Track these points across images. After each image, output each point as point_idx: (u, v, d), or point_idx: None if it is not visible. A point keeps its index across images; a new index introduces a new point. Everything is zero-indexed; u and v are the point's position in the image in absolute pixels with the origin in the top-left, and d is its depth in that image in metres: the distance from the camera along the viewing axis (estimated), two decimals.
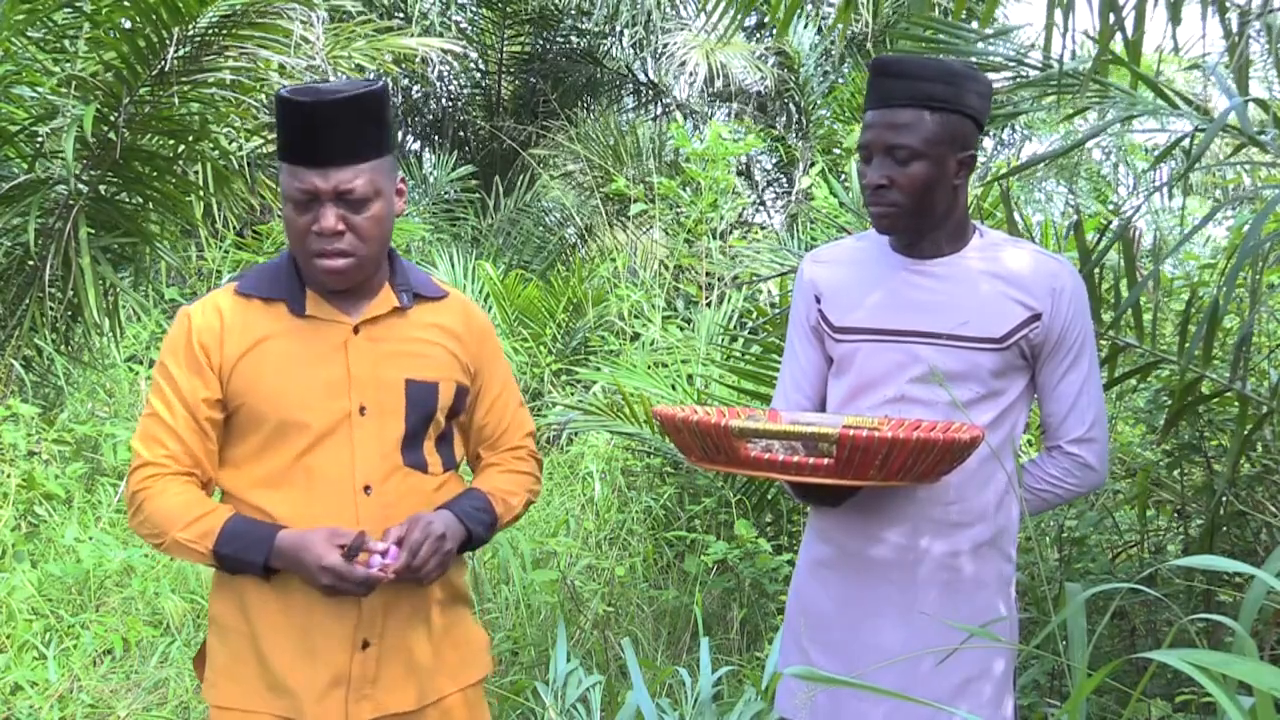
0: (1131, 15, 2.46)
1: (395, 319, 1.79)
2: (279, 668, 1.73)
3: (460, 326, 1.85)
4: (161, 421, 1.74)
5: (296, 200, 1.68)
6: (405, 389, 1.76)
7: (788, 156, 9.85)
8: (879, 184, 1.81)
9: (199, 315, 1.76)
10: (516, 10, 10.08)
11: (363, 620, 1.74)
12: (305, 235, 1.69)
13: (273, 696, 1.74)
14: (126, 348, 6.16)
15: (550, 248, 9.13)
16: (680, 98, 10.57)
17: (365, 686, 1.75)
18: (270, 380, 1.73)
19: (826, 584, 1.94)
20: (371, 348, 1.76)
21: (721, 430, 1.65)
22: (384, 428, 1.75)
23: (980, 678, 1.87)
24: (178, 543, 1.70)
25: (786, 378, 2.06)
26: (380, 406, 1.75)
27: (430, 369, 1.79)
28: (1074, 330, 1.88)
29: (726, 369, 4.60)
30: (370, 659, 1.75)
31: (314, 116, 1.66)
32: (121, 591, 4.01)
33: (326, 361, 1.74)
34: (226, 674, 1.77)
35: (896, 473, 1.64)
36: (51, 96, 4.48)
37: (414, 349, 1.79)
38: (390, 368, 1.76)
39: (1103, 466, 1.94)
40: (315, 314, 1.76)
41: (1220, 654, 0.92)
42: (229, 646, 1.78)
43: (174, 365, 1.75)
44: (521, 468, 1.94)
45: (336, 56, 5.81)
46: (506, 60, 10.47)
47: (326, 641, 1.73)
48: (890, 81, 1.81)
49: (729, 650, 3.74)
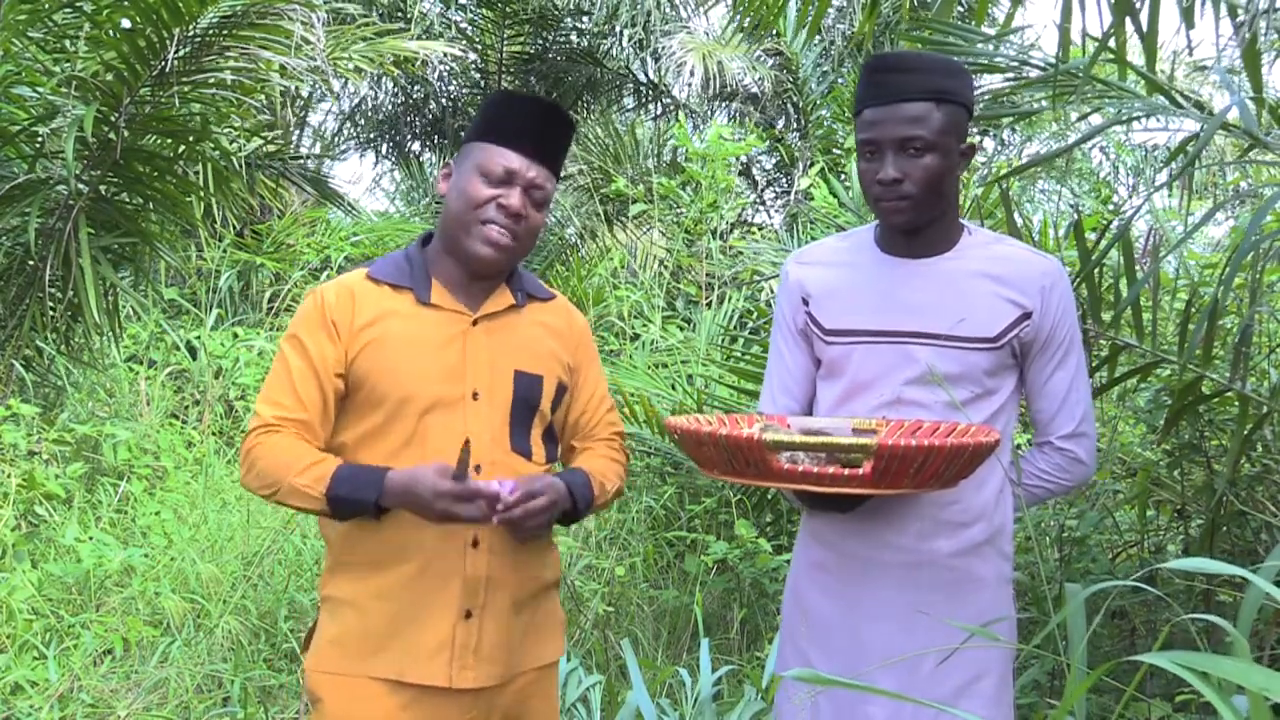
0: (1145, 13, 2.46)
1: (510, 315, 1.92)
2: (384, 633, 1.81)
3: (564, 326, 1.99)
4: (283, 382, 1.83)
5: (492, 175, 1.82)
6: (514, 378, 1.88)
7: (787, 156, 9.86)
8: (894, 178, 1.80)
9: (331, 293, 1.87)
10: (516, 10, 10.07)
11: (466, 590, 1.81)
12: (486, 204, 1.82)
13: (375, 660, 1.81)
14: (126, 348, 6.16)
15: (550, 248, 9.13)
16: (680, 98, 10.57)
17: (467, 656, 1.82)
18: (393, 359, 1.82)
19: (825, 586, 1.94)
20: (487, 339, 1.88)
21: (754, 444, 1.63)
22: (494, 413, 1.86)
23: (980, 678, 1.87)
24: (294, 488, 1.75)
25: (774, 381, 2.04)
26: (492, 393, 1.86)
27: (538, 363, 1.91)
28: (1062, 327, 1.89)
29: (727, 369, 4.60)
30: (473, 629, 1.82)
31: (542, 114, 1.87)
32: (121, 591, 4.00)
33: (446, 348, 1.85)
34: (331, 641, 1.84)
35: (929, 480, 1.64)
36: (52, 96, 4.48)
37: (524, 343, 1.91)
38: (502, 358, 1.88)
39: (1092, 461, 1.96)
40: (439, 303, 1.87)
41: (1211, 656, 0.92)
42: (338, 620, 1.85)
43: (305, 333, 1.84)
44: (616, 456, 2.03)
45: (337, 58, 5.82)
46: (506, 61, 10.47)
47: (431, 611, 1.80)
48: (898, 76, 1.81)
49: (729, 650, 3.74)
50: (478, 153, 1.85)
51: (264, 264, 7.31)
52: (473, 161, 1.85)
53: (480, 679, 1.82)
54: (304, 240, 7.65)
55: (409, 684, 1.80)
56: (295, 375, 1.82)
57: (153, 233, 4.91)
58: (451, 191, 1.87)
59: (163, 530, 4.41)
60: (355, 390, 1.84)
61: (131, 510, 4.72)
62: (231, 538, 4.42)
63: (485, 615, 1.83)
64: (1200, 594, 2.93)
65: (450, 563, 1.81)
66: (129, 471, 4.95)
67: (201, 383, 6.20)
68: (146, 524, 4.51)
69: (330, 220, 8.23)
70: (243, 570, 4.21)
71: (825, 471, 1.64)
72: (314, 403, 1.82)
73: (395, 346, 1.83)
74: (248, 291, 7.34)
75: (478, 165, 1.84)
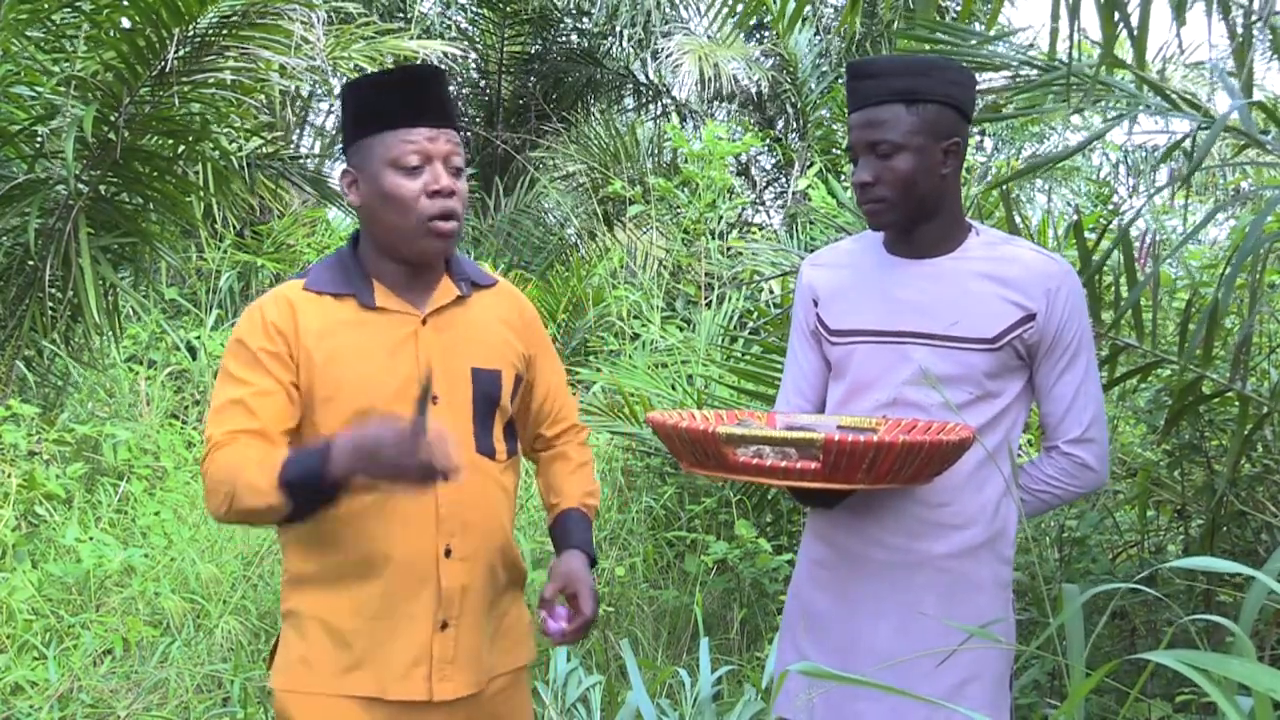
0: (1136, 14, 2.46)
1: (458, 309, 1.83)
2: (358, 650, 1.75)
3: (514, 314, 1.91)
4: (232, 402, 1.72)
5: (407, 165, 1.70)
6: (472, 376, 1.80)
7: (786, 157, 9.86)
8: (865, 181, 1.83)
9: (271, 308, 1.76)
10: (516, 10, 10.07)
11: (442, 601, 1.76)
12: (417, 200, 1.70)
13: (349, 679, 1.75)
14: (126, 348, 6.16)
15: (550, 248, 9.13)
16: (680, 98, 10.57)
17: (445, 666, 1.77)
18: (345, 372, 1.74)
19: (824, 585, 1.94)
20: (438, 338, 1.79)
21: (710, 437, 1.67)
22: (456, 415, 1.78)
23: (977, 680, 1.87)
24: (247, 485, 1.63)
25: (788, 382, 2.06)
26: (452, 394, 1.78)
27: (494, 357, 1.83)
28: (1070, 330, 1.87)
29: (727, 369, 4.60)
30: (449, 639, 1.77)
31: (413, 78, 1.73)
32: (121, 591, 4.00)
33: (398, 353, 1.76)
34: (300, 660, 1.78)
35: (885, 475, 1.65)
36: (51, 96, 4.48)
37: (477, 338, 1.83)
38: (457, 357, 1.79)
39: (1102, 467, 1.93)
40: (385, 306, 1.78)
41: (1217, 655, 0.92)
42: (306, 637, 1.78)
43: (249, 351, 1.73)
44: (584, 457, 2.01)
45: (337, 58, 5.81)
46: (506, 61, 10.46)
47: (405, 625, 1.75)
48: (864, 83, 1.84)
49: (729, 650, 3.74)
50: (378, 148, 1.71)
51: (264, 264, 7.31)
52: (378, 159, 1.71)
53: (459, 689, 1.78)
54: (304, 240, 7.65)
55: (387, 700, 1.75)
56: (245, 394, 1.71)
57: (153, 233, 4.91)
58: (370, 200, 1.74)
59: (163, 530, 4.41)
60: (310, 408, 1.75)
61: (131, 510, 4.72)
62: (231, 538, 4.41)
63: (461, 624, 1.78)
64: (1200, 594, 2.93)
65: (422, 574, 1.75)
66: (129, 471, 4.94)
67: (201, 383, 6.20)
68: (146, 524, 4.50)
69: (330, 220, 8.23)
70: (243, 570, 4.21)
71: (778, 465, 1.66)
72: (269, 415, 1.71)
73: (346, 358, 1.74)
74: (248, 292, 7.34)
75: (387, 160, 1.70)
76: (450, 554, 1.76)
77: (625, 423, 4.15)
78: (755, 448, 1.70)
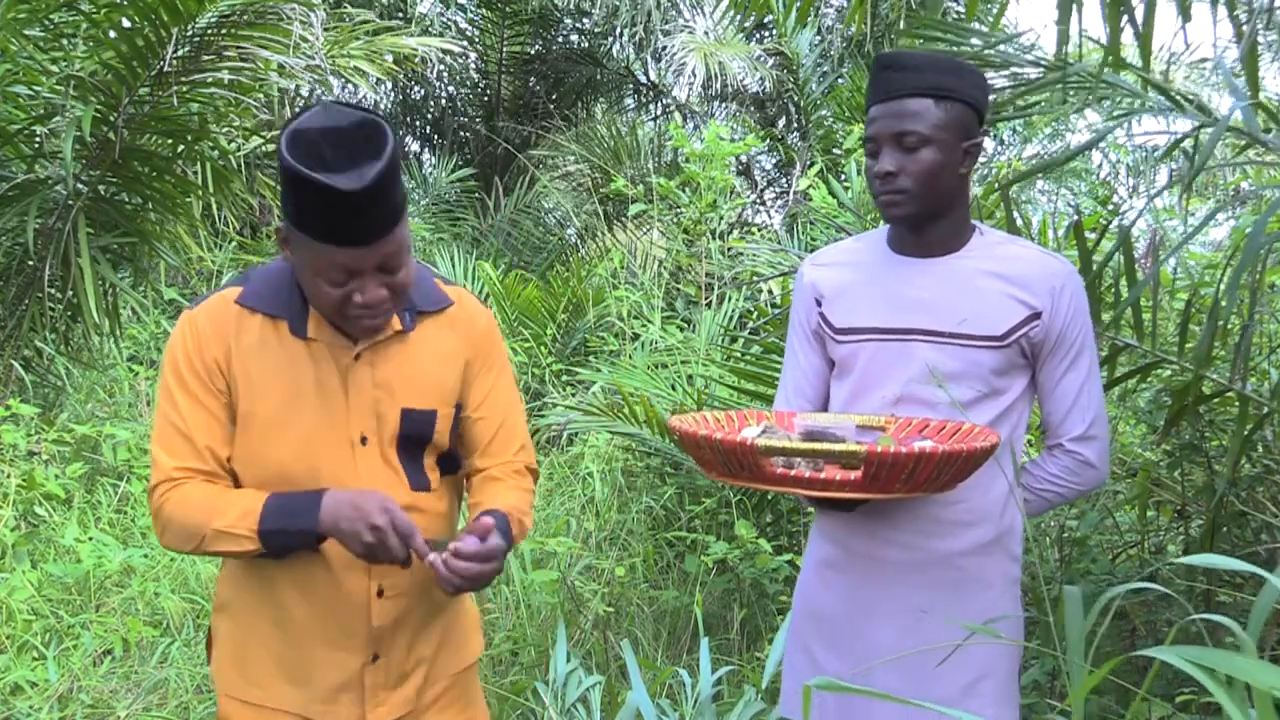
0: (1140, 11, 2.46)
1: (396, 344, 1.72)
2: (288, 667, 1.73)
3: (461, 341, 1.78)
4: (176, 428, 1.68)
5: (333, 278, 1.57)
6: (401, 418, 1.71)
7: (787, 157, 9.85)
8: (889, 171, 1.83)
9: (204, 322, 1.69)
10: (516, 10, 10.07)
11: (372, 638, 1.73)
12: (344, 304, 1.60)
13: (281, 692, 1.74)
14: (126, 348, 6.16)
15: (550, 248, 9.13)
16: (680, 98, 10.56)
17: (379, 692, 1.75)
18: (268, 400, 1.67)
19: (833, 584, 1.94)
20: (372, 374, 1.70)
21: (748, 449, 1.64)
22: (386, 456, 1.72)
23: (987, 677, 1.88)
24: (220, 533, 1.62)
25: (788, 382, 2.06)
26: (380, 435, 1.71)
27: (428, 397, 1.73)
28: (1074, 329, 1.88)
29: (727, 369, 4.59)
30: (380, 670, 1.75)
31: (358, 200, 1.50)
32: (121, 591, 4.00)
33: (326, 388, 1.68)
34: (233, 661, 1.77)
35: (922, 484, 1.65)
36: (50, 96, 4.48)
37: (412, 375, 1.72)
38: (388, 397, 1.70)
39: (1104, 464, 1.94)
40: (316, 337, 1.68)
41: (1220, 652, 0.91)
42: (234, 638, 1.77)
43: (186, 369, 1.68)
44: (525, 485, 1.87)
45: (336, 57, 5.81)
46: (506, 60, 10.46)
47: (335, 656, 1.73)
48: (896, 74, 1.84)
49: (729, 650, 3.74)
50: (306, 250, 1.56)
51: (264, 264, 7.30)
52: (307, 257, 1.57)
53: (395, 710, 1.76)
54: None
55: None
56: (188, 419, 1.66)
57: (152, 232, 4.91)
58: (299, 273, 1.62)
59: None
60: (240, 431, 1.68)
61: (131, 510, 4.72)
62: None
63: (392, 654, 1.75)
64: (1200, 594, 2.93)
65: (355, 611, 1.71)
66: (129, 472, 4.94)
67: None
68: (146, 524, 4.50)
69: None
70: None
71: (818, 476, 1.65)
72: (215, 443, 1.67)
73: (268, 384, 1.67)
74: None
75: (313, 268, 1.57)
76: (383, 594, 1.72)
77: (625, 423, 4.14)
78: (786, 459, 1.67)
